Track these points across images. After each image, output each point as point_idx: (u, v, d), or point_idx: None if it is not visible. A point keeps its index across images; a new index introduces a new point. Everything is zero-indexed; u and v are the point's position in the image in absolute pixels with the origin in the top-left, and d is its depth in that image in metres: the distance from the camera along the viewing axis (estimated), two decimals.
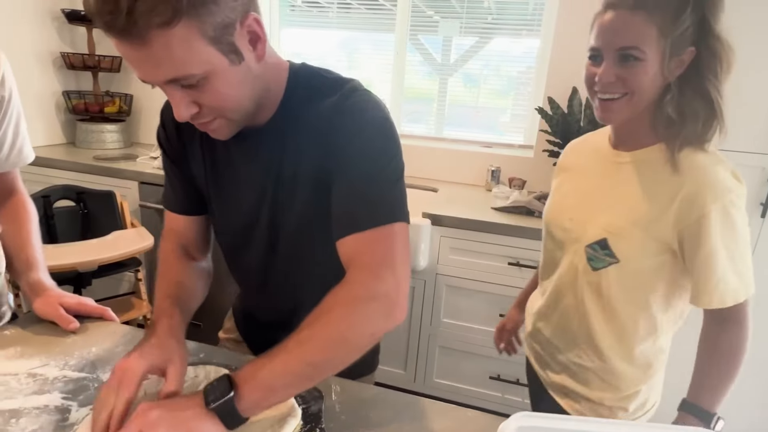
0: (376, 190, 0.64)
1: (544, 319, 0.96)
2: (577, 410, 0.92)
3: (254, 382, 0.55)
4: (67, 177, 2.13)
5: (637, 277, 0.82)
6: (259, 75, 0.63)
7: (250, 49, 0.60)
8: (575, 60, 1.96)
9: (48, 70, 2.41)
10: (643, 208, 0.79)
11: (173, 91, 0.58)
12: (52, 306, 0.85)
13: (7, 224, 0.92)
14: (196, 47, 0.54)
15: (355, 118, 0.66)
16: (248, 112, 0.65)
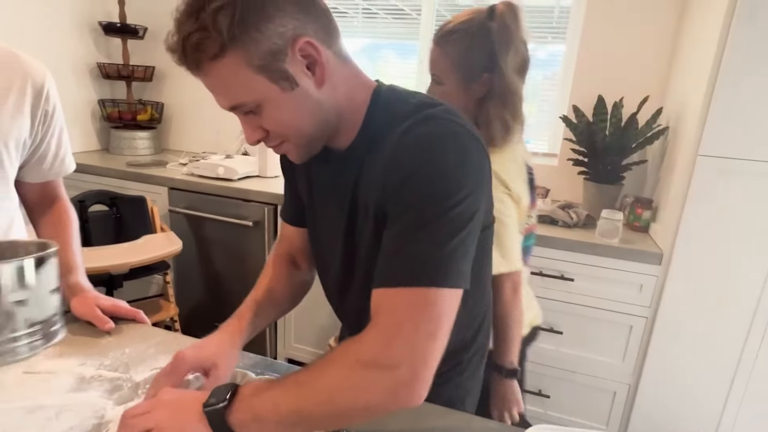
0: (422, 244, 0.55)
1: None
2: None
3: (248, 404, 0.55)
4: (101, 182, 2.21)
5: None
6: (322, 99, 0.60)
7: (307, 74, 0.58)
8: (601, 67, 1.95)
9: (85, 79, 2.52)
10: None
11: (239, 117, 0.61)
12: (90, 307, 0.89)
13: (50, 229, 0.97)
14: (244, 76, 0.55)
15: (416, 155, 0.57)
16: (314, 137, 0.63)
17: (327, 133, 0.64)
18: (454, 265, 0.55)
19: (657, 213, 1.72)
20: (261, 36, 0.54)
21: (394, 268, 0.56)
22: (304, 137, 0.63)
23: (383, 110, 0.64)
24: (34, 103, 0.85)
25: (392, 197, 0.58)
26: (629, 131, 1.72)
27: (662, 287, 1.51)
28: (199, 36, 0.53)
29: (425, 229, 0.55)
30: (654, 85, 1.85)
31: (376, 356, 0.53)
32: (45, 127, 0.89)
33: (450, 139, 0.57)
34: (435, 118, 0.59)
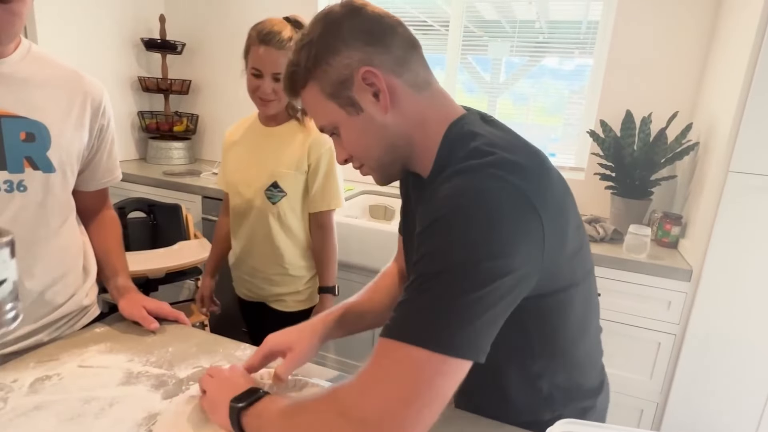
0: (423, 300, 0.51)
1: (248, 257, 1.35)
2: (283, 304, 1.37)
3: (254, 420, 0.62)
4: (139, 190, 2.32)
5: (299, 200, 1.30)
6: (388, 125, 0.63)
7: (373, 101, 0.62)
8: (629, 82, 1.95)
9: (126, 92, 2.65)
10: (292, 157, 1.26)
11: (331, 138, 0.69)
12: (136, 308, 0.95)
13: (99, 234, 1.04)
14: (320, 103, 0.64)
15: (442, 207, 0.53)
16: (383, 161, 0.67)
17: (398, 158, 0.67)
18: (456, 331, 0.50)
19: (686, 229, 1.70)
20: (330, 68, 0.62)
21: (393, 318, 0.53)
22: (373, 159, 0.67)
23: (448, 148, 0.63)
24: (92, 117, 0.92)
25: (416, 244, 0.55)
26: (658, 146, 1.71)
27: (692, 304, 1.49)
28: (292, 69, 0.65)
29: (431, 284, 0.51)
30: (683, 101, 1.84)
31: (348, 406, 0.52)
32: (100, 140, 0.96)
33: (481, 196, 0.52)
34: (474, 171, 0.54)
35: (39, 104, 0.83)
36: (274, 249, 1.31)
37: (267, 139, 1.30)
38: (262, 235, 1.31)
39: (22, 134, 0.81)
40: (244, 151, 1.33)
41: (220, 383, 0.69)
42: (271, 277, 1.35)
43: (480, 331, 0.51)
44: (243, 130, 1.36)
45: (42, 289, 0.87)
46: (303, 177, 1.28)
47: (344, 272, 1.96)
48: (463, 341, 0.50)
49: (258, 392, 0.65)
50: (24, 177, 0.82)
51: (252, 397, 0.64)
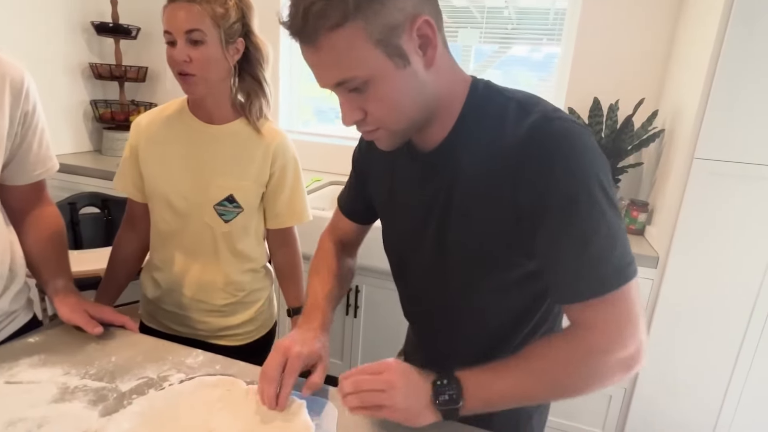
0: (601, 246, 0.58)
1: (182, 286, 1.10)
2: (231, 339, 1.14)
3: (479, 397, 0.61)
4: (92, 184, 2.18)
5: (254, 216, 1.09)
6: (427, 83, 0.60)
7: (419, 53, 0.57)
8: (597, 69, 1.94)
9: (77, 80, 2.49)
10: (251, 166, 1.05)
11: (341, 96, 0.60)
12: (78, 312, 0.87)
13: (35, 233, 0.94)
14: (361, 49, 0.54)
15: (556, 156, 0.58)
16: (412, 123, 0.62)
17: (423, 120, 0.63)
18: (628, 253, 0.60)
19: (653, 216, 1.71)
20: (383, 8, 0.53)
21: (584, 281, 0.59)
22: (402, 121, 0.61)
23: (481, 106, 0.64)
24: (12, 102, 0.82)
25: (545, 195, 0.58)
26: (625, 134, 1.71)
27: (658, 290, 1.51)
28: (322, 4, 0.52)
29: (599, 238, 0.58)
30: (650, 88, 1.85)
31: (613, 355, 0.60)
32: (25, 128, 0.86)
33: (580, 140, 0.59)
34: (556, 120, 0.60)
35: None
36: (224, 276, 1.08)
37: (213, 141, 1.04)
38: (206, 259, 1.08)
39: None
40: (175, 152, 1.04)
41: (402, 390, 0.61)
42: (217, 310, 1.11)
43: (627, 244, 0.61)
44: (168, 123, 1.06)
45: None
46: (261, 189, 1.07)
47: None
48: (632, 257, 0.60)
49: (453, 380, 0.61)
50: None
51: (456, 390, 0.60)
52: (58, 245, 0.97)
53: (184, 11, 0.91)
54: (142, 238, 1.14)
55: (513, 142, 0.60)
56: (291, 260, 1.18)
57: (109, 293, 1.15)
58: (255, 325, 1.16)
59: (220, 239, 1.06)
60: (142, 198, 1.12)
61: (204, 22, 0.91)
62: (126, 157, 1.11)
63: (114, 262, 1.16)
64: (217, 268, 1.09)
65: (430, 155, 0.68)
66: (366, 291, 1.88)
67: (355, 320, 1.92)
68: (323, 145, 2.39)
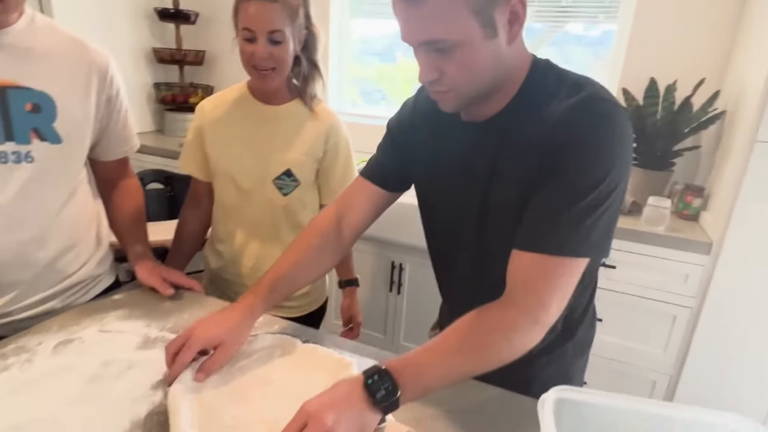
0: (575, 217, 0.61)
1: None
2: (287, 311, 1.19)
3: (414, 384, 0.61)
4: (156, 162, 2.34)
5: (310, 190, 1.16)
6: (505, 57, 0.64)
7: (506, 28, 0.61)
8: (655, 48, 1.87)
9: (141, 64, 2.65)
10: (306, 143, 1.11)
11: (425, 54, 0.63)
12: (153, 275, 0.97)
13: (120, 203, 1.06)
14: (460, 14, 0.58)
15: (580, 132, 0.61)
16: (483, 90, 0.66)
17: (490, 89, 0.67)
18: (595, 239, 0.62)
19: (709, 201, 1.65)
20: None
21: (545, 236, 0.62)
22: (474, 87, 0.65)
23: (540, 83, 0.67)
24: (99, 87, 0.92)
25: (548, 167, 0.62)
26: (682, 115, 1.65)
27: (710, 278, 1.47)
28: None
29: (580, 202, 0.60)
30: (711, 68, 1.76)
31: (535, 320, 0.63)
32: (110, 111, 0.96)
33: (612, 121, 0.62)
34: (600, 99, 0.63)
35: (44, 75, 0.83)
36: (281, 248, 1.06)
37: (271, 120, 1.11)
38: (266, 232, 1.15)
39: (28, 105, 0.81)
40: (236, 133, 1.12)
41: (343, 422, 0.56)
42: None
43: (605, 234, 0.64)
44: (228, 106, 1.14)
45: (53, 258, 0.89)
46: (315, 165, 1.13)
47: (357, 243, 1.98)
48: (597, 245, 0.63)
49: (382, 373, 0.60)
50: (31, 148, 0.82)
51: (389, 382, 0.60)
52: (138, 215, 1.08)
53: (267, 12, 0.96)
54: (205, 214, 1.24)
55: (558, 117, 0.63)
56: None
57: (176, 264, 1.24)
58: (308, 299, 1.23)
59: (279, 212, 1.14)
60: (206, 177, 1.20)
61: (284, 22, 0.99)
62: (190, 140, 1.19)
63: (179, 237, 1.26)
64: (275, 240, 1.16)
65: (484, 125, 0.71)
66: (409, 269, 1.94)
67: (398, 297, 1.99)
68: (369, 127, 2.43)
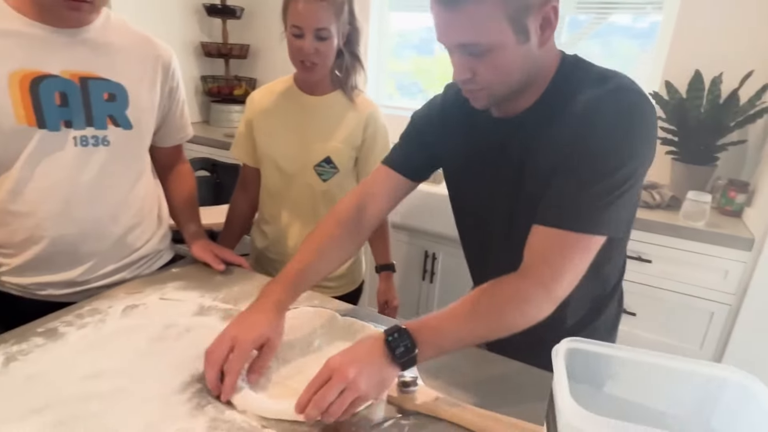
0: (594, 196, 0.64)
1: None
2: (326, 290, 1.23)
3: (431, 343, 0.65)
4: (203, 151, 2.48)
5: (348, 177, 1.23)
6: (536, 59, 0.67)
7: (538, 32, 0.65)
8: (700, 40, 1.82)
9: (190, 57, 2.79)
10: (345, 132, 1.17)
11: (459, 55, 0.67)
12: (206, 251, 1.07)
13: (176, 185, 1.16)
14: (494, 20, 0.61)
15: (606, 121, 0.65)
16: (514, 89, 0.70)
17: (523, 88, 0.70)
18: (611, 218, 0.66)
19: (753, 197, 1.61)
20: None
21: (565, 212, 0.66)
22: (505, 87, 0.69)
23: (568, 79, 0.71)
24: (163, 79, 1.01)
25: (570, 154, 0.66)
26: (728, 109, 1.61)
27: (751, 274, 1.44)
28: None
29: (597, 184, 0.64)
30: (760, 59, 1.70)
31: (548, 292, 0.66)
32: (171, 101, 1.05)
33: (638, 109, 0.65)
34: (625, 90, 0.66)
35: (118, 67, 0.93)
36: None
37: (313, 110, 1.18)
38: (306, 215, 1.22)
39: (105, 94, 0.91)
40: (282, 122, 1.19)
41: (364, 375, 0.61)
42: None
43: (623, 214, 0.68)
44: (275, 96, 1.21)
45: (124, 233, 0.99)
46: (354, 153, 1.19)
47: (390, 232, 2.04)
48: (613, 224, 0.67)
49: (402, 331, 0.64)
50: (108, 133, 0.92)
51: (408, 339, 0.63)
52: (191, 196, 1.17)
53: (315, 9, 1.02)
54: (253, 198, 1.33)
55: (586, 107, 0.66)
56: None
57: (226, 245, 1.32)
58: (345, 280, 1.31)
59: (319, 197, 1.21)
60: (254, 163, 1.29)
61: (330, 20, 1.05)
62: (241, 128, 1.27)
63: (230, 219, 1.36)
64: (315, 223, 1.21)
65: (514, 120, 0.75)
66: (442, 258, 1.98)
67: (431, 285, 2.03)
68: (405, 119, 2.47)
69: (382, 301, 1.37)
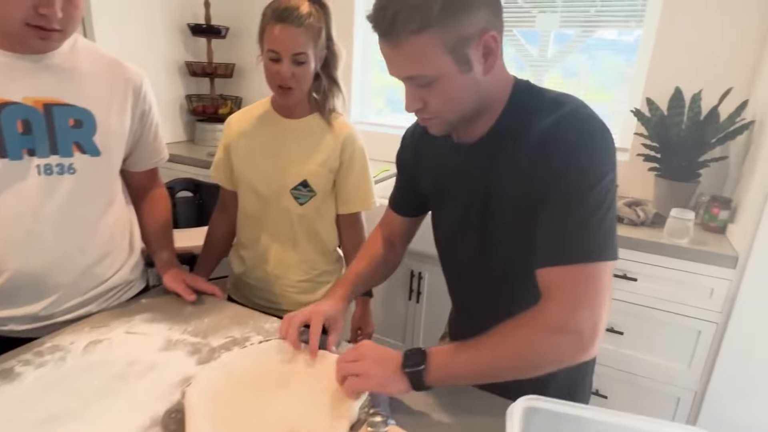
0: (584, 223, 0.65)
1: None
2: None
3: (443, 366, 0.68)
4: (187, 171, 2.45)
5: (326, 201, 1.21)
6: (483, 86, 0.69)
7: (481, 61, 0.67)
8: (680, 57, 1.83)
9: (175, 77, 2.77)
10: (323, 155, 1.16)
11: (408, 87, 0.69)
12: (177, 281, 1.03)
13: (149, 211, 1.13)
14: (435, 53, 0.64)
15: (569, 148, 0.66)
16: (464, 116, 0.72)
17: (473, 114, 0.72)
18: (610, 239, 0.65)
19: (736, 213, 1.61)
20: (460, 23, 0.63)
21: (561, 247, 0.65)
22: (456, 114, 0.71)
23: (521, 105, 0.73)
24: (133, 103, 0.99)
25: (549, 180, 0.67)
26: (709, 125, 1.61)
27: (736, 292, 1.43)
28: (411, 13, 0.62)
29: (584, 209, 0.64)
30: (738, 77, 1.71)
31: (565, 325, 0.63)
32: (143, 124, 1.03)
33: (596, 133, 0.67)
34: (580, 114, 0.68)
35: (85, 92, 0.90)
36: (299, 255, 1.21)
37: (290, 133, 1.16)
38: (284, 239, 1.20)
39: (71, 121, 0.89)
40: (259, 145, 1.18)
41: (373, 360, 0.72)
42: (293, 285, 1.23)
43: (615, 236, 0.67)
44: (253, 120, 1.20)
45: (92, 264, 0.96)
46: (332, 176, 1.18)
47: None
48: (614, 245, 0.66)
49: (418, 351, 0.70)
50: (73, 161, 0.89)
51: (420, 357, 0.69)
52: (165, 223, 1.14)
53: (292, 35, 1.03)
54: (232, 220, 1.30)
55: (544, 133, 0.68)
56: (358, 244, 1.25)
57: (205, 267, 1.32)
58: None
59: (296, 221, 1.19)
60: (232, 186, 1.27)
61: (308, 45, 1.05)
62: (219, 153, 1.26)
63: (209, 241, 1.34)
64: (293, 247, 1.21)
65: (473, 147, 0.77)
66: (429, 278, 1.95)
67: (417, 305, 2.00)
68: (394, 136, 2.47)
69: (356, 327, 1.34)
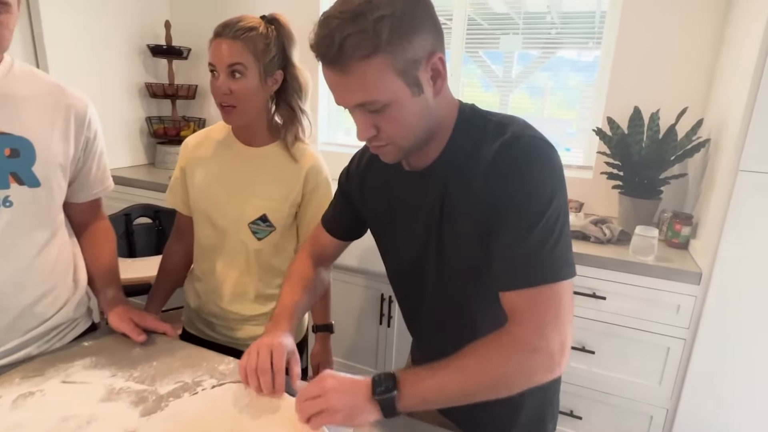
0: (541, 245, 0.65)
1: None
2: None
3: (414, 391, 0.66)
4: (146, 195, 2.35)
5: (286, 235, 1.14)
6: (434, 109, 0.69)
7: (430, 84, 0.66)
8: (638, 77, 1.88)
9: (134, 98, 2.68)
10: (284, 188, 1.10)
11: (360, 114, 0.67)
12: (124, 320, 0.95)
13: (91, 246, 1.04)
14: (385, 78, 0.62)
15: (517, 172, 0.66)
16: (418, 141, 0.70)
17: (425, 139, 0.71)
18: (568, 258, 0.66)
19: (697, 229, 1.64)
20: (409, 45, 0.62)
21: (521, 270, 0.65)
22: (410, 139, 0.69)
23: (467, 129, 0.73)
24: (77, 130, 0.92)
25: (499, 205, 0.67)
26: (667, 143, 1.65)
27: (701, 308, 1.44)
28: (359, 37, 0.60)
29: (539, 230, 0.64)
30: (694, 96, 1.77)
31: (532, 346, 0.63)
32: (87, 153, 0.96)
33: (541, 155, 0.67)
34: (523, 138, 0.68)
35: (23, 120, 0.84)
36: (255, 288, 1.14)
37: (250, 162, 1.10)
38: (240, 273, 1.13)
39: (7, 150, 0.82)
40: (216, 173, 1.11)
41: (338, 392, 0.68)
42: (249, 319, 1.16)
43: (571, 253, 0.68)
44: (211, 144, 1.13)
45: (31, 303, 0.88)
46: (293, 210, 1.11)
47: (343, 274, 1.96)
48: (572, 263, 0.67)
49: (388, 375, 0.67)
50: (9, 193, 0.82)
51: (391, 382, 0.66)
52: (109, 258, 1.06)
53: (227, 46, 0.98)
54: (189, 249, 1.22)
55: (491, 158, 0.68)
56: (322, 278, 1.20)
57: (156, 302, 1.23)
58: None
59: (252, 255, 1.12)
60: (189, 212, 1.20)
61: (245, 57, 0.99)
62: (176, 175, 1.20)
63: (163, 270, 1.25)
64: (249, 281, 1.14)
65: (424, 172, 0.76)
66: None
67: (388, 329, 1.95)
68: None
69: (316, 363, 1.27)
